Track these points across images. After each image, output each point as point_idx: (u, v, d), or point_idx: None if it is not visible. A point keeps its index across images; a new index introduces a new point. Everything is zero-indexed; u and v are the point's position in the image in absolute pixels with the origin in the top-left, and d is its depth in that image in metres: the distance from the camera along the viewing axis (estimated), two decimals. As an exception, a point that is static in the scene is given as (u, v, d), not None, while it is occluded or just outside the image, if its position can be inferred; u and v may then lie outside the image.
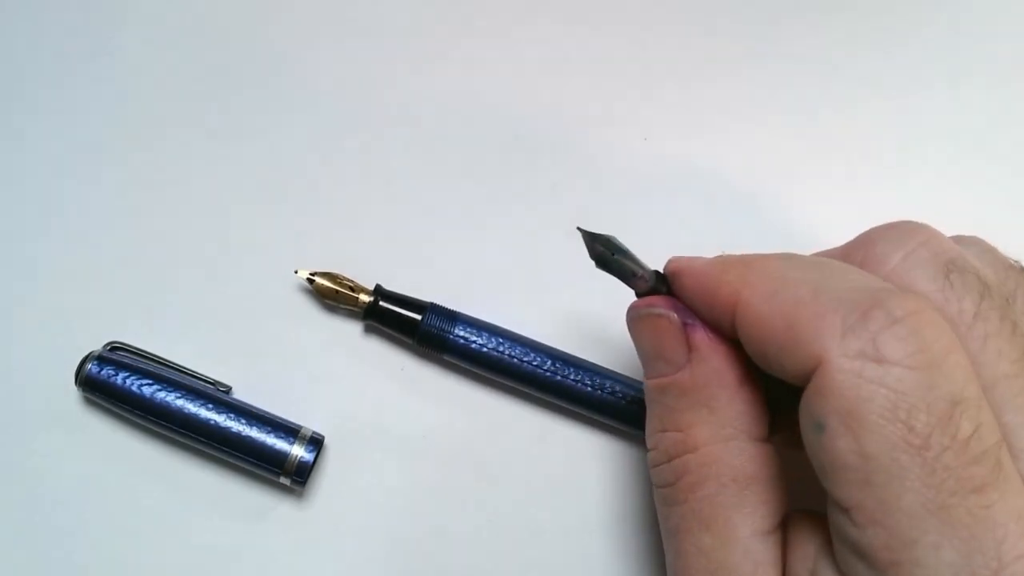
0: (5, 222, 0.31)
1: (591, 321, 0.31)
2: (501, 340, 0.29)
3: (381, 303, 0.29)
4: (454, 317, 0.29)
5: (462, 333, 0.29)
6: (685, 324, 0.22)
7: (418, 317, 0.29)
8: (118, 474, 0.29)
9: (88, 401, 0.29)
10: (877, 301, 0.18)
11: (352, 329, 0.30)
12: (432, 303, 0.29)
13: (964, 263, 0.20)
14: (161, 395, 0.28)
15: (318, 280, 0.29)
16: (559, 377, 0.29)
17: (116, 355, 0.28)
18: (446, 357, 0.29)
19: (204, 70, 0.33)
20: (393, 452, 0.29)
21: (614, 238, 0.24)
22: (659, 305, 0.23)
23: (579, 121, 0.33)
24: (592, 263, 0.24)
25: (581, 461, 0.30)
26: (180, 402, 0.28)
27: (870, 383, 0.17)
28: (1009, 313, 0.20)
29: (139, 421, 0.28)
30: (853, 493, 0.18)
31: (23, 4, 0.33)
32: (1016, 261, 0.22)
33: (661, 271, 0.24)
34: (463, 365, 0.29)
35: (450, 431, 0.30)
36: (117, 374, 0.28)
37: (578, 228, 0.24)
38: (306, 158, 0.32)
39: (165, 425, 0.28)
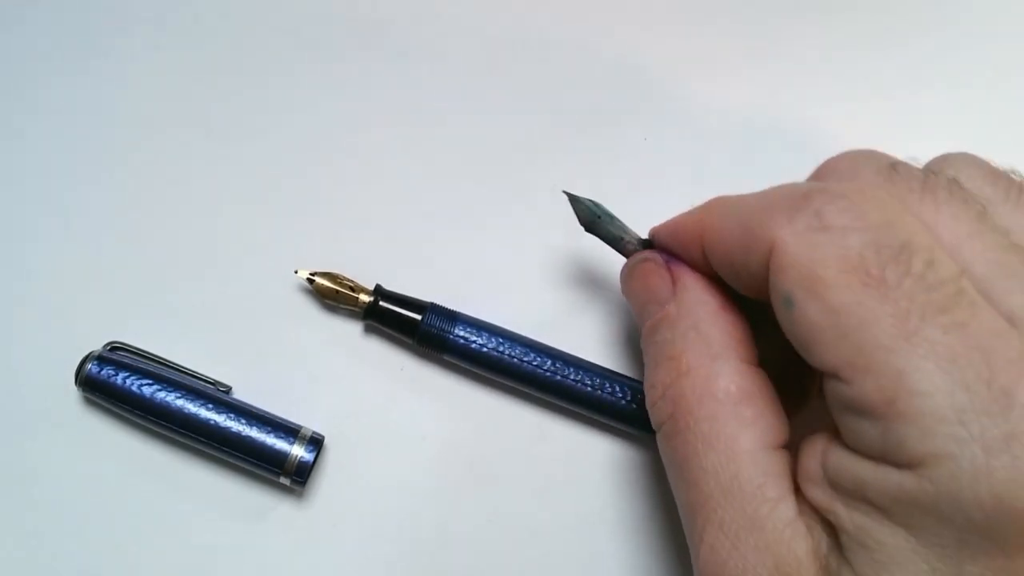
0: (5, 222, 0.31)
1: (591, 321, 0.31)
2: (501, 340, 0.29)
3: (381, 303, 0.29)
4: (454, 317, 0.29)
5: (462, 333, 0.29)
6: (667, 262, 0.24)
7: (418, 317, 0.29)
8: (118, 474, 0.29)
9: (88, 401, 0.29)
10: (819, 187, 0.19)
11: (352, 329, 0.30)
12: (432, 303, 0.29)
13: (909, 163, 0.21)
14: (161, 395, 0.28)
15: (318, 280, 0.29)
16: (559, 377, 0.29)
17: (116, 355, 0.28)
18: (446, 357, 0.29)
19: (204, 70, 0.33)
20: (393, 452, 0.29)
21: (600, 204, 0.26)
22: (645, 253, 0.25)
23: (579, 121, 0.33)
24: (582, 230, 0.26)
25: (581, 461, 0.30)
26: (180, 402, 0.28)
27: (820, 246, 0.18)
28: (957, 191, 0.20)
29: (139, 421, 0.28)
30: (834, 352, 0.18)
31: (23, 4, 0.33)
32: (1014, 170, 0.22)
33: (647, 237, 0.26)
34: (463, 365, 0.29)
35: (450, 431, 0.30)
36: (117, 374, 0.28)
37: (564, 192, 0.26)
38: (306, 158, 0.32)
39: (165, 425, 0.28)
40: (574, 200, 0.26)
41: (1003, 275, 0.18)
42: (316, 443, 0.28)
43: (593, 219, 0.26)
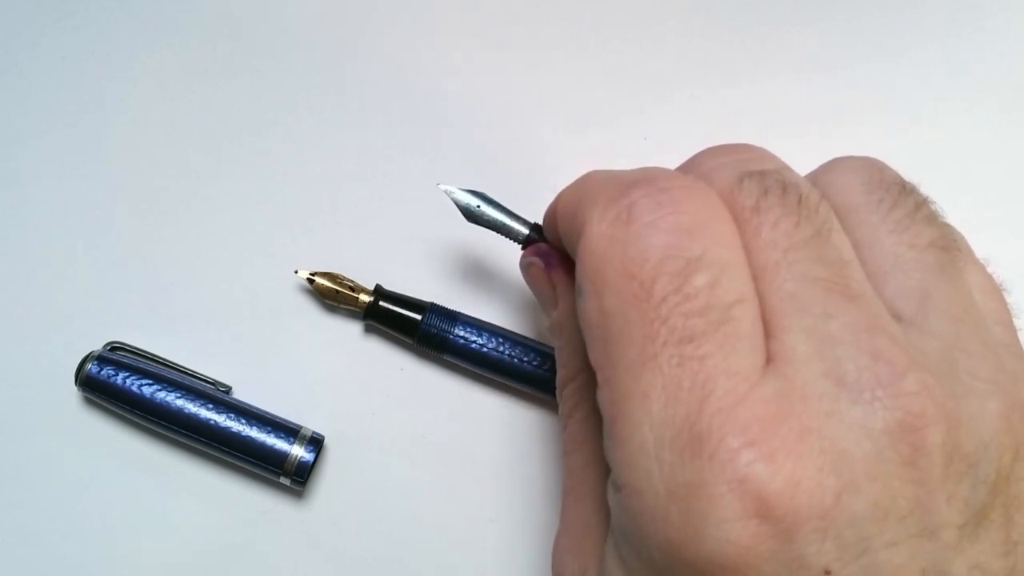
0: (5, 222, 0.31)
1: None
2: (501, 340, 0.29)
3: (381, 303, 0.29)
4: (454, 317, 0.29)
5: (462, 333, 0.29)
6: (548, 266, 0.24)
7: (418, 317, 0.29)
8: (118, 474, 0.29)
9: (88, 401, 0.29)
10: (650, 177, 0.18)
11: (352, 329, 0.30)
12: (432, 303, 0.29)
13: (768, 172, 0.19)
14: (161, 395, 0.28)
15: (318, 280, 0.29)
16: (559, 377, 0.29)
17: (116, 355, 0.28)
18: (446, 357, 0.29)
19: (204, 70, 0.33)
20: (393, 452, 0.29)
21: (484, 194, 0.26)
22: (528, 254, 0.25)
23: (579, 121, 0.33)
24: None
25: (581, 461, 0.30)
26: (180, 402, 0.28)
27: (617, 242, 0.17)
28: (794, 211, 0.18)
29: (139, 421, 0.28)
30: (596, 353, 0.18)
31: (23, 4, 0.33)
32: (906, 183, 0.21)
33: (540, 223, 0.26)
34: (463, 365, 0.29)
35: (450, 431, 0.30)
36: (117, 374, 0.28)
37: (438, 185, 0.27)
38: (306, 158, 0.32)
39: (165, 425, 0.28)
40: (451, 194, 0.26)
41: (790, 310, 0.17)
42: (316, 443, 0.28)
43: (474, 211, 0.26)
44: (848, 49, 0.35)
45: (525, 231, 0.26)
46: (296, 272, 0.30)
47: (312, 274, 0.30)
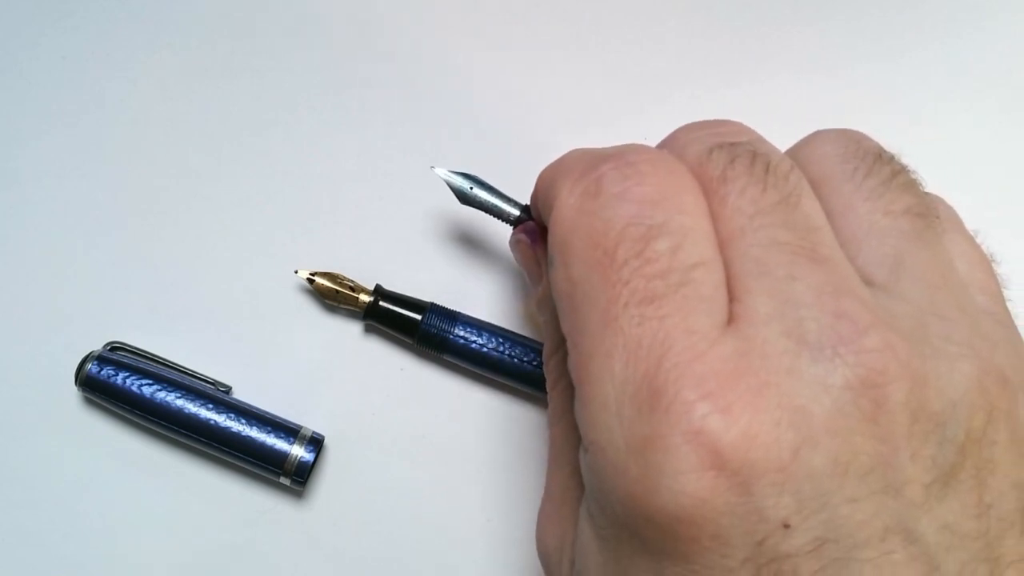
0: (5, 222, 0.31)
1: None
2: (501, 340, 0.29)
3: (381, 303, 0.29)
4: (454, 317, 0.29)
5: (462, 333, 0.29)
6: (534, 241, 0.24)
7: (418, 317, 0.29)
8: (118, 474, 0.29)
9: (88, 401, 0.29)
10: (619, 152, 0.19)
11: (352, 329, 0.30)
12: (432, 303, 0.29)
13: (739, 143, 0.19)
14: (161, 395, 0.28)
15: (318, 280, 0.29)
16: (559, 377, 0.29)
17: (116, 355, 0.28)
18: (446, 357, 0.29)
19: (204, 70, 0.33)
20: (393, 452, 0.29)
21: (476, 176, 0.27)
22: (517, 231, 0.26)
23: (579, 121, 0.33)
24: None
25: (581, 461, 0.30)
26: (180, 402, 0.28)
27: (584, 214, 0.18)
28: (761, 179, 0.18)
29: (139, 421, 0.28)
30: (566, 321, 0.18)
31: (23, 4, 0.33)
32: (883, 152, 0.21)
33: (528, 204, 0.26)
34: (463, 365, 0.29)
35: (450, 431, 0.30)
36: (117, 374, 0.28)
37: (432, 168, 0.28)
38: (306, 158, 0.32)
39: (165, 425, 0.28)
40: (444, 176, 0.27)
41: (754, 273, 0.17)
42: (316, 443, 0.28)
43: (467, 193, 0.27)
44: (848, 49, 0.35)
45: (516, 212, 0.27)
46: (296, 272, 0.30)
47: (312, 274, 0.30)
